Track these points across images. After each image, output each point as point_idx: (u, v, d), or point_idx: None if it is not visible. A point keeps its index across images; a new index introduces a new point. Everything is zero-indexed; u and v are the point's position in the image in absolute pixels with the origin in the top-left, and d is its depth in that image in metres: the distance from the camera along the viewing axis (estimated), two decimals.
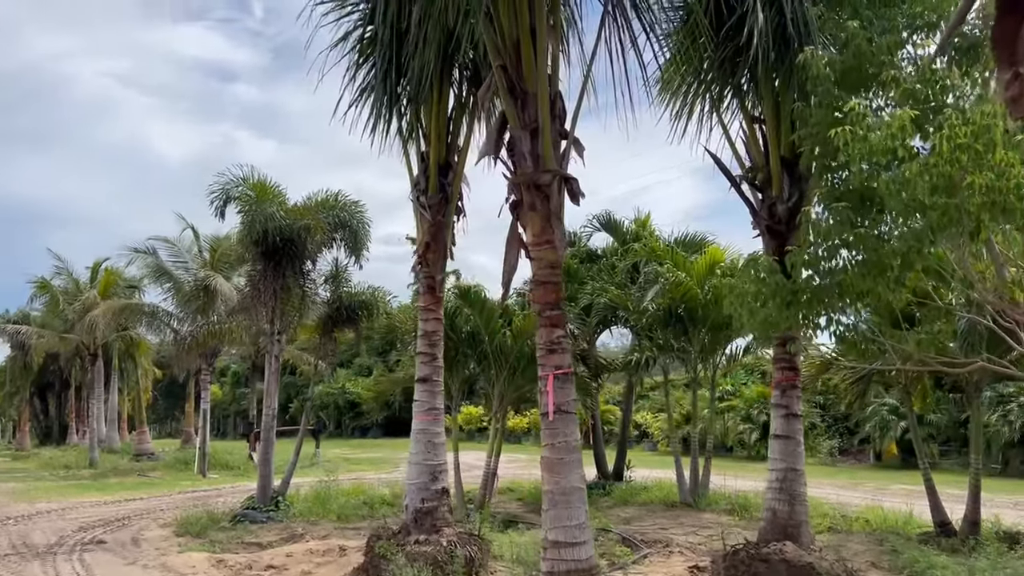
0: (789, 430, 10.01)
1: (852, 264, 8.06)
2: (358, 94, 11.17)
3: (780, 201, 10.18)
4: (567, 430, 7.84)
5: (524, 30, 7.92)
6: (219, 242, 29.36)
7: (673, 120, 11.14)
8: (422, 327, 11.15)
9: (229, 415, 63.10)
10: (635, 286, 17.46)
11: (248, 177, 16.42)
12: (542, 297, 8.12)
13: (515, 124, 8.15)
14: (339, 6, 11.11)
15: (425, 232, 11.14)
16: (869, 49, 8.22)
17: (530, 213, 8.11)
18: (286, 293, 16.81)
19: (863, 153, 7.11)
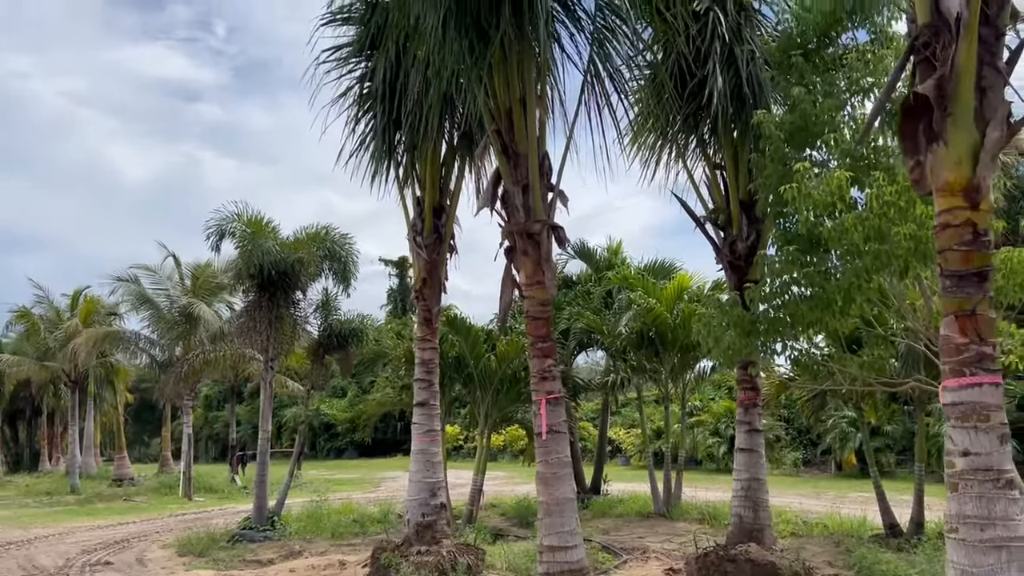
0: (752, 444, 11.23)
1: (802, 298, 9.33)
2: (357, 144, 12.26)
3: (740, 240, 11.45)
4: (559, 448, 8.96)
5: (515, 100, 9.10)
6: (201, 269, 30.15)
7: (643, 166, 12.39)
8: (419, 356, 12.20)
9: (201, 439, 63.06)
10: (610, 311, 18.69)
11: (243, 213, 17.35)
12: (535, 331, 9.26)
13: (508, 180, 9.31)
14: (340, 64, 12.22)
15: (421, 269, 12.23)
16: (813, 111, 9.54)
17: (523, 258, 9.26)
18: (279, 322, 17.73)
19: (808, 206, 8.39)
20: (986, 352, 5.38)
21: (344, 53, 12.12)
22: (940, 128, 5.51)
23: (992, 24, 5.59)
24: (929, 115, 5.55)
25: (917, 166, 5.76)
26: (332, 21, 11.91)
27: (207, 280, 29.16)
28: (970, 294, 5.44)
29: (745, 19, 11.15)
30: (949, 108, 5.47)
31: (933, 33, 5.60)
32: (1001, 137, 5.52)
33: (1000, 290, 8.57)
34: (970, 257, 5.48)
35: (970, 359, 5.37)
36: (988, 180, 5.52)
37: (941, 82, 5.48)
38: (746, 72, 10.83)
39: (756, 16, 11.51)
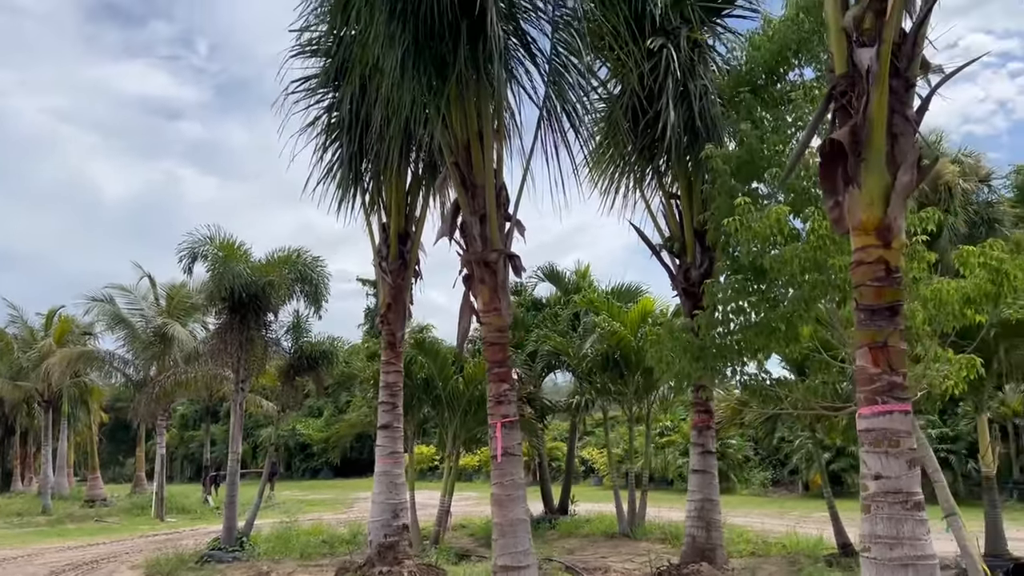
0: (705, 465, 11.58)
1: (749, 325, 9.72)
2: (325, 172, 12.58)
3: (694, 267, 11.86)
4: (513, 470, 9.25)
5: (473, 134, 9.47)
6: (176, 290, 30.22)
7: (603, 194, 12.79)
8: (384, 379, 12.46)
9: (177, 458, 62.60)
10: (576, 333, 19.04)
11: (215, 237, 17.55)
12: (491, 356, 9.57)
13: (467, 211, 9.65)
14: (309, 95, 12.56)
15: (386, 294, 12.53)
16: (760, 146, 9.99)
17: (480, 285, 9.59)
18: (250, 344, 17.90)
19: (749, 238, 8.79)
20: (896, 382, 5.77)
21: (312, 84, 12.47)
22: (855, 172, 5.92)
23: (902, 76, 6.02)
24: (845, 159, 5.96)
25: (836, 206, 6.16)
26: (301, 53, 12.28)
27: (182, 300, 29.23)
28: (882, 327, 5.83)
29: (698, 56, 11.62)
30: (863, 153, 5.89)
31: (849, 83, 6.03)
32: (911, 180, 5.94)
33: (933, 319, 9.02)
34: (882, 292, 5.87)
35: (882, 388, 5.75)
36: (900, 220, 5.93)
37: (855, 129, 5.89)
38: (699, 107, 11.29)
39: (709, 53, 11.98)
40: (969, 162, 29.30)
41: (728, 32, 12.36)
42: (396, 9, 8.53)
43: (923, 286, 8.92)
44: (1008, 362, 12.82)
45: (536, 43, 9.67)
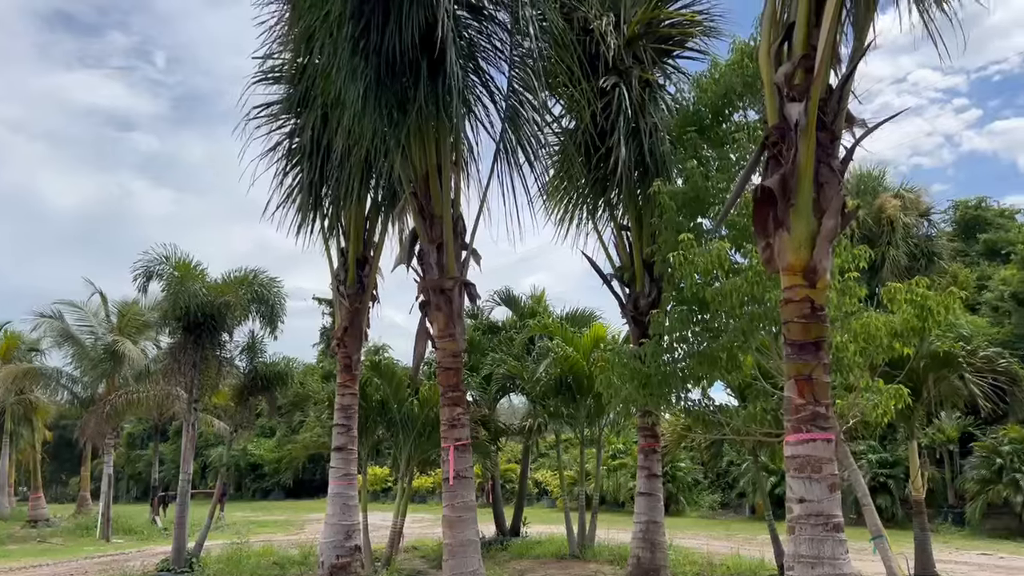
0: (651, 488, 11.98)
1: (691, 354, 10.19)
2: (285, 196, 12.79)
3: (642, 296, 12.32)
4: (464, 492, 9.53)
5: (432, 166, 9.82)
6: (128, 307, 29.90)
7: (557, 225, 13.21)
8: (339, 401, 12.65)
9: (123, 478, 61.22)
10: (531, 357, 19.40)
11: (171, 256, 17.56)
12: (445, 380, 9.86)
13: (424, 239, 9.97)
14: (271, 120, 12.80)
15: (343, 318, 12.75)
16: (705, 184, 10.51)
17: (436, 312, 9.89)
18: (204, 364, 17.88)
19: (692, 272, 9.26)
20: (820, 412, 6.22)
21: (274, 110, 12.71)
22: (784, 217, 6.40)
23: (828, 129, 6.54)
24: (776, 204, 6.44)
25: (767, 248, 6.64)
26: (264, 80, 12.52)
27: (134, 318, 28.93)
28: (807, 361, 6.29)
29: (649, 95, 12.16)
30: (792, 200, 6.37)
31: (780, 134, 6.52)
32: (836, 225, 6.44)
33: (864, 351, 9.57)
34: (808, 329, 6.34)
35: (806, 417, 6.19)
36: (825, 262, 6.41)
37: (785, 177, 6.38)
38: (649, 143, 11.81)
39: (660, 92, 12.52)
40: (910, 197, 30.62)
41: (678, 72, 12.92)
42: (359, 45, 8.88)
43: (854, 320, 9.47)
44: (938, 391, 13.51)
45: (494, 80, 10.10)
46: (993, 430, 22.61)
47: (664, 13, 12.53)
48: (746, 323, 9.10)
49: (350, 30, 8.84)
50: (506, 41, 9.95)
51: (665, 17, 12.58)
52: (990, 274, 29.56)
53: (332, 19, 9.06)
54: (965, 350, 12.71)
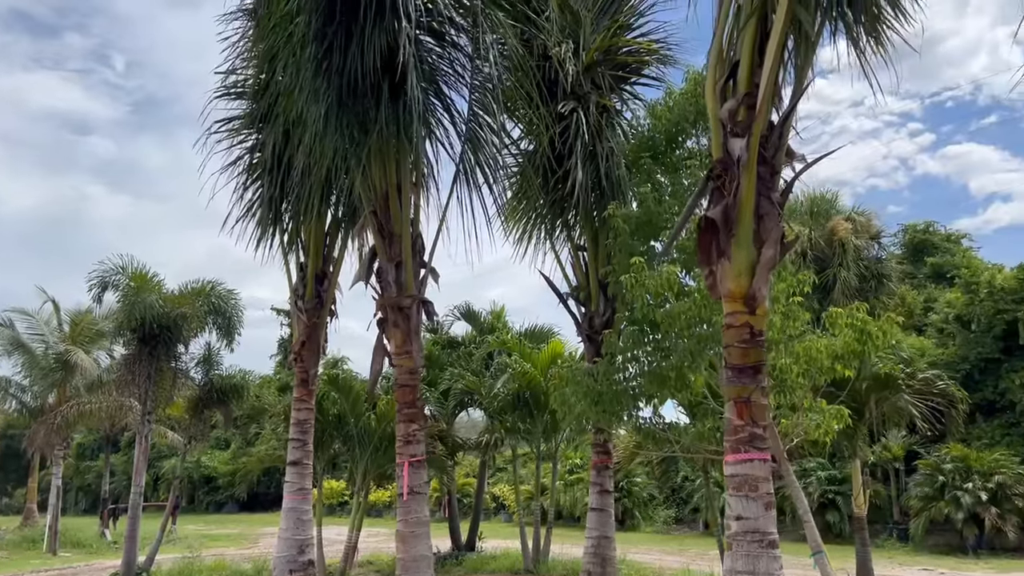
0: (603, 504, 12.22)
1: (642, 373, 10.47)
2: (245, 210, 12.85)
3: (597, 315, 12.60)
4: (418, 508, 9.67)
5: (392, 185, 10.00)
6: (81, 316, 29.44)
7: (515, 244, 13.45)
8: (295, 416, 12.70)
9: (72, 489, 59.84)
10: (489, 373, 19.59)
11: (127, 266, 17.45)
12: (402, 397, 10.00)
13: (383, 257, 10.14)
14: (232, 135, 12.87)
15: (301, 332, 12.82)
16: (657, 209, 10.83)
17: (394, 329, 10.05)
18: (159, 375, 17.76)
19: (643, 294, 9.55)
20: (757, 433, 6.51)
21: (236, 125, 12.78)
22: (726, 246, 6.71)
23: (769, 163, 6.88)
24: (718, 234, 6.75)
25: (710, 275, 6.94)
26: (226, 95, 12.60)
27: (87, 327, 28.51)
28: (746, 384, 6.58)
29: (606, 120, 12.48)
30: (733, 230, 6.68)
31: (723, 167, 6.84)
32: (775, 255, 6.76)
33: (806, 373, 9.94)
34: (747, 353, 6.63)
35: (744, 439, 6.48)
36: (764, 290, 6.72)
37: (727, 209, 6.69)
38: (605, 167, 12.13)
39: (616, 117, 12.87)
40: (861, 220, 31.51)
41: (635, 99, 13.29)
42: (321, 67, 9.04)
43: (798, 343, 9.84)
44: (880, 411, 13.99)
45: (455, 104, 10.31)
46: (936, 449, 23.33)
47: (622, 41, 12.88)
48: (694, 344, 9.41)
49: (313, 51, 9.01)
50: (467, 66, 10.18)
51: (623, 45, 12.93)
52: (936, 296, 30.53)
53: (296, 40, 9.23)
54: (905, 372, 13.22)
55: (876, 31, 7.27)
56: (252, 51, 11.60)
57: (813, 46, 7.12)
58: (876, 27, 7.24)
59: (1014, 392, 24.45)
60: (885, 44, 7.28)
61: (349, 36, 8.91)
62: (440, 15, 9.79)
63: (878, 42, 7.28)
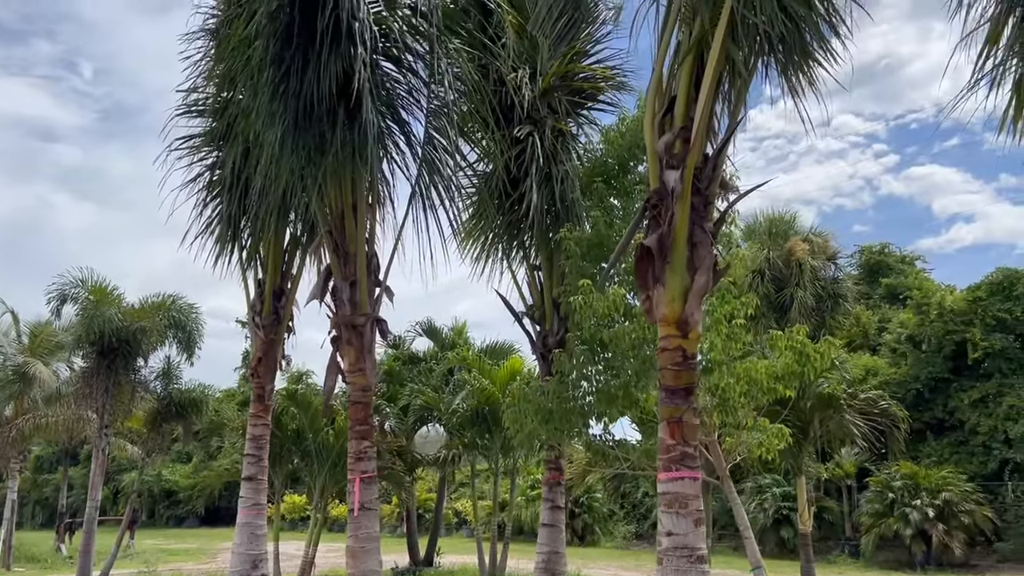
0: (554, 519, 12.45)
1: (591, 392, 10.75)
2: (204, 227, 12.96)
3: (551, 334, 12.87)
4: (369, 524, 9.84)
5: (348, 205, 10.22)
6: (41, 328, 29.05)
7: (472, 263, 13.69)
8: (251, 431, 12.77)
9: (28, 503, 58.65)
10: (449, 388, 19.77)
11: (87, 279, 17.43)
12: (355, 414, 10.18)
13: (338, 276, 10.33)
14: (193, 152, 13.00)
15: (258, 348, 12.92)
16: (608, 232, 11.16)
17: (347, 347, 10.23)
18: (117, 389, 17.71)
19: (591, 315, 9.85)
20: (688, 452, 6.80)
21: (197, 142, 12.91)
22: (661, 273, 7.02)
23: (702, 194, 7.21)
24: (654, 262, 7.05)
25: (647, 300, 7.24)
26: (187, 113, 12.73)
27: (47, 339, 28.16)
28: (679, 405, 6.88)
29: (561, 144, 12.81)
30: (668, 258, 7.00)
31: (659, 198, 7.16)
32: (707, 282, 7.08)
33: (748, 393, 10.30)
34: (680, 376, 6.94)
35: (676, 457, 6.77)
36: (696, 315, 7.03)
37: (662, 237, 7.01)
38: (560, 190, 12.42)
39: (572, 141, 13.20)
40: (818, 241, 32.27)
41: (591, 123, 13.65)
42: (279, 90, 9.24)
43: (739, 364, 10.20)
44: (826, 430, 14.43)
45: (411, 127, 10.55)
46: (886, 466, 23.89)
47: (578, 67, 13.24)
48: (639, 364, 9.72)
49: (270, 75, 9.21)
50: (423, 91, 10.45)
51: (579, 71, 13.29)
52: (890, 317, 31.28)
53: (254, 63, 9.45)
54: (847, 392, 13.66)
55: (807, 68, 7.66)
56: (213, 70, 11.75)
57: (746, 83, 7.49)
58: (807, 64, 7.62)
59: (963, 411, 25.13)
60: (815, 81, 7.67)
61: (306, 61, 9.13)
62: (397, 41, 10.05)
63: (810, 80, 7.66)
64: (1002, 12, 7.27)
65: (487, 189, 12.51)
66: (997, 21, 7.31)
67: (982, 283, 25.65)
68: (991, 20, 7.32)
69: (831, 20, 7.38)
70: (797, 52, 7.43)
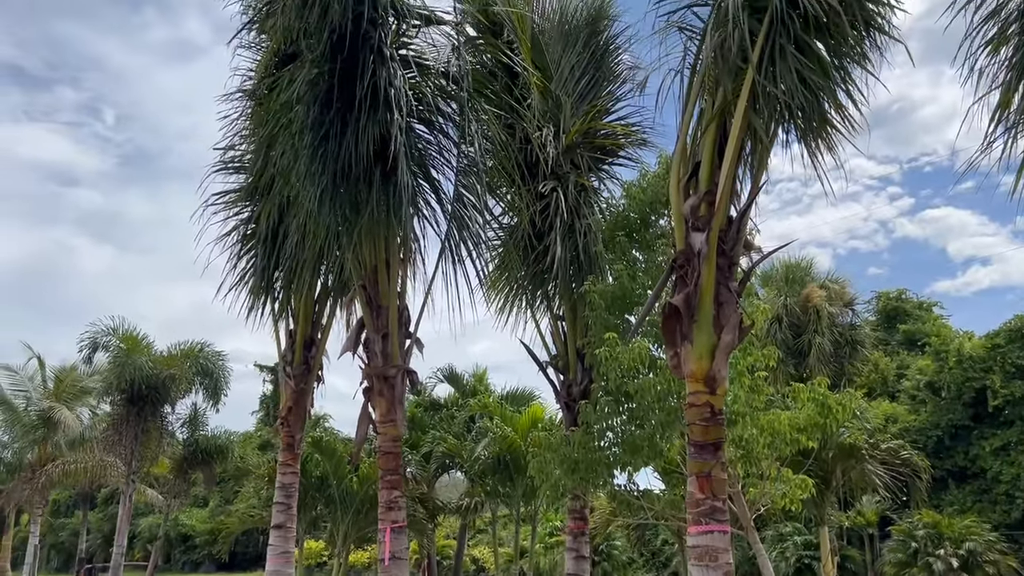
0: (578, 569, 12.51)
1: (616, 443, 10.97)
2: (239, 279, 13.36)
3: (575, 384, 13.08)
4: (399, 573, 10.02)
5: (381, 260, 10.60)
6: (66, 373, 29.56)
7: (497, 313, 14.00)
8: (280, 480, 12.99)
9: (44, 547, 58.66)
10: (471, 436, 19.98)
11: (118, 328, 17.89)
12: (385, 464, 10.42)
13: (370, 328, 10.67)
14: (228, 207, 13.46)
15: (288, 398, 13.22)
16: (631, 285, 11.48)
17: (379, 398, 10.52)
18: (145, 436, 18.04)
19: (616, 367, 10.11)
20: (717, 506, 7.01)
21: (232, 197, 13.37)
22: (688, 331, 7.30)
23: (727, 255, 7.53)
24: (681, 320, 7.35)
25: (675, 356, 7.51)
26: (224, 169, 13.23)
27: (72, 384, 28.64)
28: (707, 460, 7.10)
29: (584, 198, 13.17)
30: (695, 316, 7.29)
31: (686, 258, 7.48)
32: (733, 340, 7.36)
33: (771, 444, 10.48)
34: (708, 431, 7.18)
35: (705, 511, 6.97)
36: (723, 371, 7.30)
37: (688, 297, 7.31)
38: (583, 243, 12.75)
39: (594, 196, 13.58)
40: (835, 288, 32.41)
41: (612, 178, 14.04)
42: (318, 152, 9.69)
43: (762, 416, 10.41)
44: (848, 479, 14.50)
45: (441, 186, 10.97)
46: (909, 514, 23.72)
47: (600, 125, 13.66)
48: (664, 416, 9.94)
49: (310, 139, 9.67)
50: (453, 151, 10.89)
51: (601, 128, 13.72)
52: (909, 363, 31.26)
53: (294, 128, 9.91)
54: (868, 442, 13.77)
55: (826, 134, 8.01)
56: (252, 136, 12.25)
57: (767, 149, 7.85)
58: (825, 131, 7.97)
59: (984, 459, 25.00)
60: (834, 147, 8.02)
61: (345, 125, 9.59)
62: (429, 105, 10.52)
63: (829, 146, 8.00)
64: (1013, 79, 7.63)
65: (512, 241, 12.85)
66: (1008, 86, 7.66)
67: (1000, 330, 25.70)
68: (1002, 86, 7.67)
69: (847, 88, 7.76)
70: (816, 119, 7.80)
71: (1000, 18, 7.61)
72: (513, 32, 12.08)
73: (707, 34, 7.54)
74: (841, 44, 7.55)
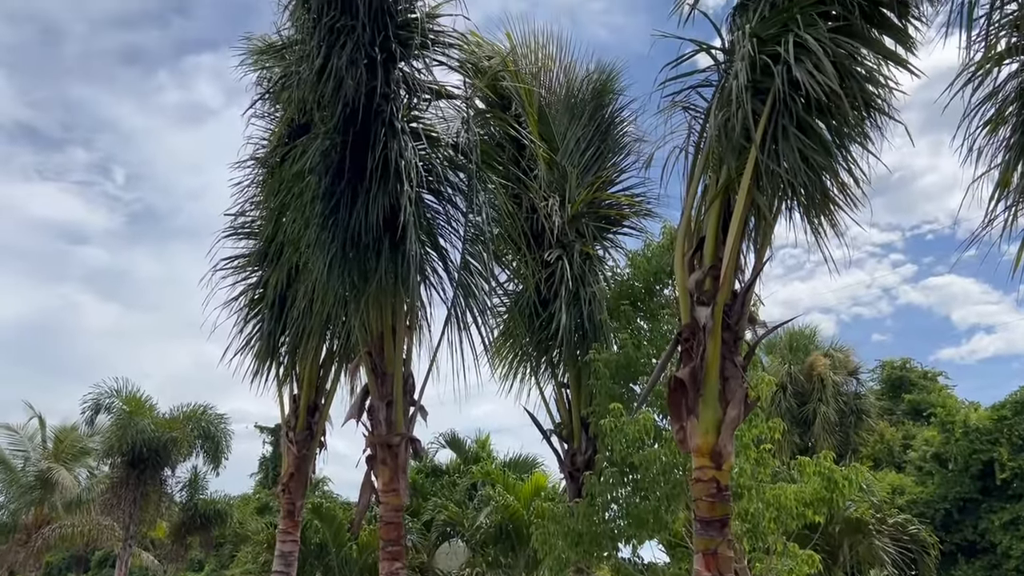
0: None
1: (620, 515, 10.85)
2: (244, 343, 13.41)
3: (579, 453, 13.01)
4: None
5: (387, 328, 10.67)
6: (66, 432, 29.35)
7: (501, 380, 14.01)
8: (279, 548, 12.82)
9: None
10: (472, 504, 19.72)
11: (122, 389, 17.87)
12: (386, 534, 10.31)
13: (375, 395, 10.67)
14: (237, 271, 13.60)
15: (290, 464, 13.12)
16: (636, 354, 11.51)
17: (381, 467, 10.47)
18: (144, 499, 17.85)
19: (621, 439, 10.08)
20: None
21: (240, 262, 13.53)
22: (694, 405, 7.32)
23: (732, 329, 7.58)
24: (687, 394, 7.37)
25: (680, 430, 7.51)
26: (234, 234, 13.42)
27: (71, 444, 28.41)
28: (713, 536, 7.05)
29: (589, 267, 13.31)
30: (700, 391, 7.31)
31: (691, 332, 7.54)
32: (739, 415, 7.37)
33: (777, 519, 10.36)
34: (714, 507, 7.13)
35: None
36: (729, 446, 7.28)
37: (694, 371, 7.34)
38: (587, 311, 12.84)
39: (599, 264, 13.73)
40: (839, 356, 32.30)
41: (617, 247, 14.22)
42: (328, 221, 9.86)
43: (768, 490, 10.31)
44: (855, 554, 14.26)
45: (448, 253, 11.12)
46: None
47: (605, 195, 13.92)
48: (669, 488, 9.86)
49: (321, 207, 9.85)
50: (461, 220, 11.06)
51: (606, 198, 13.96)
52: (915, 433, 30.92)
53: (306, 197, 10.10)
54: (875, 517, 13.58)
55: (828, 211, 8.14)
56: (263, 203, 12.48)
57: (771, 225, 7.98)
58: (828, 209, 8.11)
59: (994, 533, 24.52)
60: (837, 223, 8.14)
61: (355, 194, 9.78)
62: (438, 176, 10.72)
63: (832, 223, 8.13)
64: (1012, 159, 7.79)
65: (517, 308, 12.94)
66: (1007, 166, 7.81)
67: (1006, 401, 25.48)
68: (1002, 165, 7.82)
69: (849, 168, 7.92)
70: (818, 196, 7.94)
71: (998, 100, 7.80)
72: (521, 106, 12.40)
73: (711, 114, 7.75)
74: (842, 124, 7.72)
